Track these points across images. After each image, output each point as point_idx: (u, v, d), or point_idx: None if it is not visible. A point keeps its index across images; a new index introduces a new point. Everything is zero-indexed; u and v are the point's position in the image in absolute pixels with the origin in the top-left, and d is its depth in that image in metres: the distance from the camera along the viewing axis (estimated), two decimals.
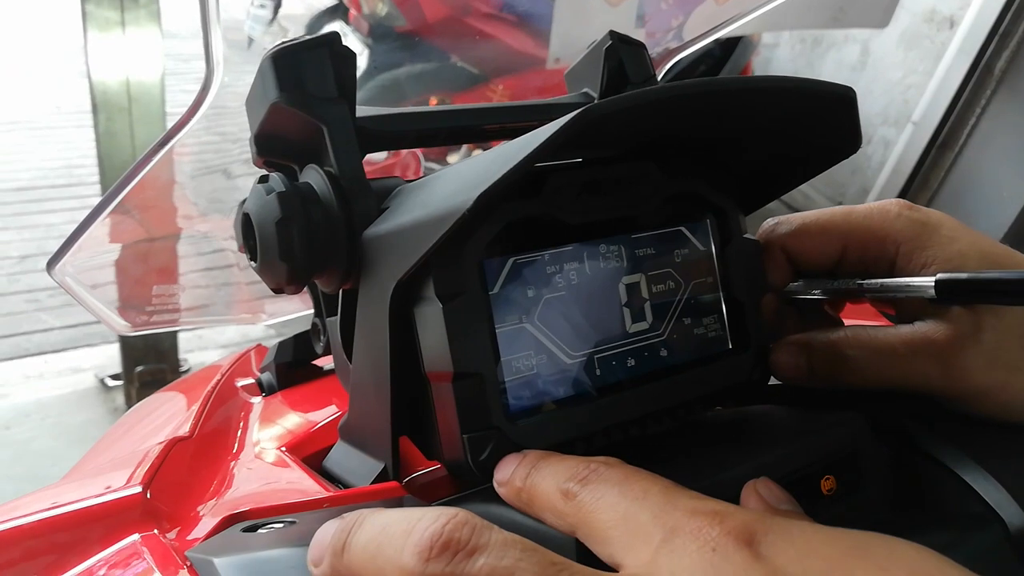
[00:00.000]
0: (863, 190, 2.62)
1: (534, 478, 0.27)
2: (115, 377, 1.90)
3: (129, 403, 1.86)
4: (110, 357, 1.97)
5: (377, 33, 1.92)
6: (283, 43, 0.35)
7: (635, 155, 0.36)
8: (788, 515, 0.26)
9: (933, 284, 0.33)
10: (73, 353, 2.09)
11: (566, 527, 0.26)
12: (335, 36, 0.36)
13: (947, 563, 0.22)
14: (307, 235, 0.33)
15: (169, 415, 0.47)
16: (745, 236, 0.37)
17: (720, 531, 0.22)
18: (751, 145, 0.36)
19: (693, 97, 0.29)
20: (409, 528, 0.23)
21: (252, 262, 0.35)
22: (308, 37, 0.35)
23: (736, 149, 0.36)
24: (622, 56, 0.43)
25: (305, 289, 0.41)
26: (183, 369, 1.93)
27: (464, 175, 0.29)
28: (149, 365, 1.77)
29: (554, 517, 0.26)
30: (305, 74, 0.35)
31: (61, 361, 2.06)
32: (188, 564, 0.27)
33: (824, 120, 0.33)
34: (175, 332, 1.81)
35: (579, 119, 0.25)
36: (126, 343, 1.77)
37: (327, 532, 0.25)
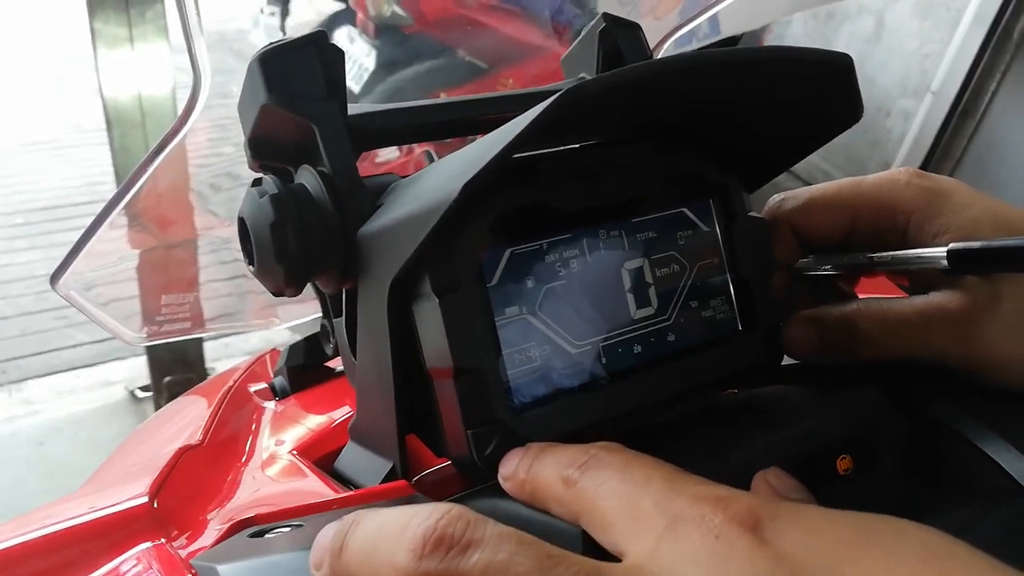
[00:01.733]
0: (884, 164, 2.57)
1: (536, 468, 0.27)
2: (144, 389, 1.93)
3: None
4: (139, 369, 1.99)
5: (384, 34, 1.92)
6: (270, 44, 0.35)
7: (633, 139, 0.36)
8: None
9: (945, 254, 0.32)
10: (103, 367, 2.12)
11: (569, 515, 0.25)
12: (322, 35, 0.35)
13: (958, 544, 0.21)
14: (302, 236, 0.33)
15: (185, 422, 0.47)
16: (750, 214, 0.36)
17: (724, 518, 0.22)
18: (748, 120, 0.35)
19: (679, 72, 0.28)
20: (403, 526, 0.23)
21: (250, 266, 0.35)
22: (295, 37, 0.35)
23: (734, 125, 0.35)
24: (617, 38, 0.43)
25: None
26: None
27: (452, 166, 0.29)
28: (177, 375, 1.78)
29: (558, 506, 0.26)
30: (293, 74, 0.35)
31: (91, 376, 2.09)
32: (193, 572, 0.27)
33: (821, 90, 0.33)
34: (201, 342, 1.83)
35: (561, 100, 0.25)
36: (153, 355, 1.79)
37: (327, 534, 0.25)
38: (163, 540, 0.31)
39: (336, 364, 0.53)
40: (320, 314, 0.43)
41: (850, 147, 2.55)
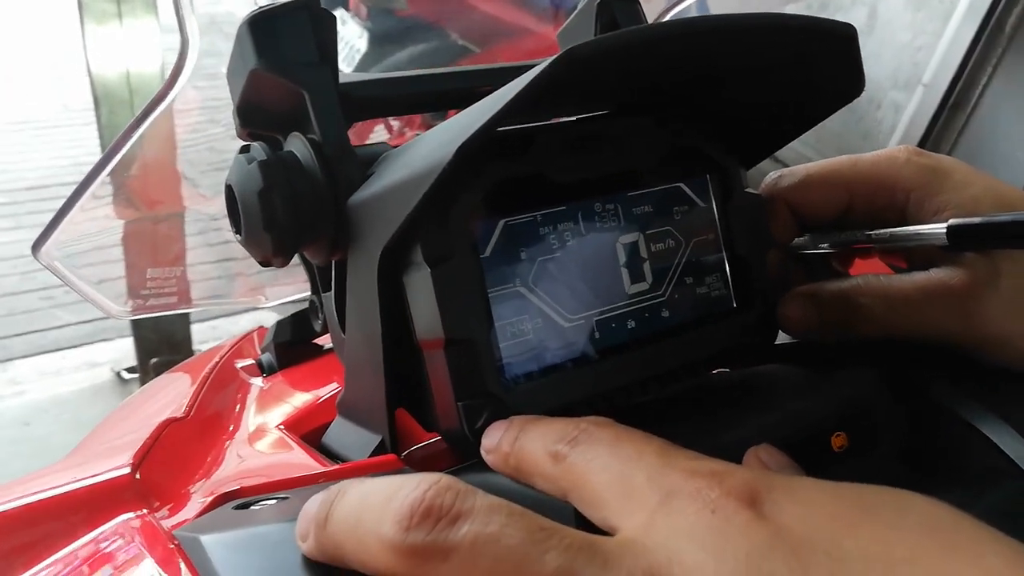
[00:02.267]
0: None
1: (522, 441, 0.26)
2: (131, 370, 1.91)
3: None
4: (125, 351, 1.98)
5: (377, 17, 1.90)
6: (260, 8, 0.34)
7: (630, 112, 0.35)
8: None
9: (945, 230, 0.31)
10: (89, 348, 2.11)
11: (557, 491, 0.24)
12: None
13: (962, 517, 0.20)
14: (291, 204, 0.32)
15: (170, 398, 0.46)
16: (747, 191, 0.36)
17: (720, 492, 0.21)
18: (748, 90, 0.34)
19: (680, 37, 0.27)
20: (390, 496, 0.22)
21: (237, 235, 0.34)
22: (285, 1, 0.34)
23: (732, 95, 0.35)
24: (615, 11, 0.42)
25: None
26: None
27: (446, 132, 0.28)
28: (163, 357, 1.77)
29: (544, 482, 0.25)
30: (284, 39, 0.34)
31: (77, 356, 2.08)
32: (176, 543, 0.27)
33: (822, 60, 0.32)
34: (188, 324, 1.81)
35: (558, 61, 0.24)
36: (140, 336, 1.78)
37: (312, 505, 0.24)
38: (145, 511, 0.30)
39: (324, 341, 0.52)
40: (308, 293, 0.43)
41: (840, 138, 2.55)
